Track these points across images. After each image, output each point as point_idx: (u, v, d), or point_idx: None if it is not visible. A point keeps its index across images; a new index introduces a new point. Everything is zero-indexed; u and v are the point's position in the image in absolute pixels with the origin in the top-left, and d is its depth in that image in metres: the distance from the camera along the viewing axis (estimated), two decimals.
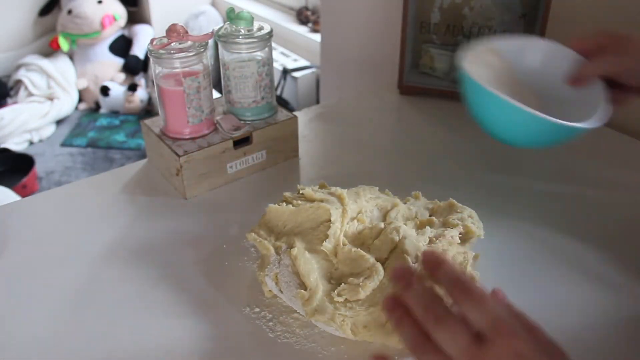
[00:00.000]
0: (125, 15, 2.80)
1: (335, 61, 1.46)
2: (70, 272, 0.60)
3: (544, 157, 0.79)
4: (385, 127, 0.91)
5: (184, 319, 0.54)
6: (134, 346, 0.51)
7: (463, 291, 0.39)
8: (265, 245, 0.55)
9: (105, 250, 0.63)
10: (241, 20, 0.71)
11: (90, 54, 2.73)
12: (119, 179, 0.75)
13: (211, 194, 0.72)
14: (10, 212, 0.70)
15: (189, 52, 0.67)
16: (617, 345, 0.51)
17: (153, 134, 0.72)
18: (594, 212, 0.68)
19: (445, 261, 0.41)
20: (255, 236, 0.57)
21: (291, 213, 0.57)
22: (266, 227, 0.58)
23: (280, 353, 0.50)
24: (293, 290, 0.51)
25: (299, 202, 0.58)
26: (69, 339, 0.52)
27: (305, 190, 0.60)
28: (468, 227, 0.56)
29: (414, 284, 0.41)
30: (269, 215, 0.58)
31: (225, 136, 0.71)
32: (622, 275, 0.58)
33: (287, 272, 0.52)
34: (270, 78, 0.75)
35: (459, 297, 0.39)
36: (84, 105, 2.75)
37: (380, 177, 0.72)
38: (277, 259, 0.54)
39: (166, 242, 0.64)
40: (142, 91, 2.69)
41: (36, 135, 2.51)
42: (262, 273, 0.54)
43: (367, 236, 0.55)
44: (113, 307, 0.55)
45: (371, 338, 0.49)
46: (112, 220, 0.68)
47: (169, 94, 0.69)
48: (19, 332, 0.53)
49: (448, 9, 0.91)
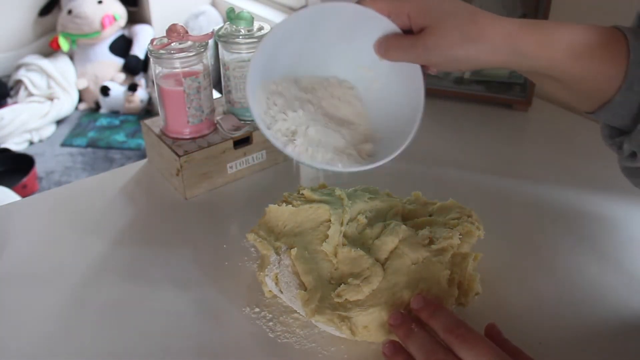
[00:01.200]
0: (125, 15, 2.80)
1: None
2: (70, 272, 0.60)
3: (544, 157, 0.79)
4: None
5: (184, 319, 0.54)
6: (134, 346, 0.51)
7: (458, 337, 0.42)
8: (265, 245, 0.55)
9: (105, 250, 0.63)
10: (241, 20, 0.71)
11: (90, 54, 2.73)
12: (119, 179, 0.75)
13: (211, 194, 0.72)
14: (10, 212, 0.70)
15: (189, 52, 0.67)
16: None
17: (153, 134, 0.72)
18: (594, 212, 0.68)
19: (439, 307, 0.46)
20: (255, 236, 0.57)
21: (291, 213, 0.57)
22: (266, 227, 0.58)
23: (280, 353, 0.50)
24: (293, 291, 0.51)
25: (299, 202, 0.58)
26: (68, 339, 0.52)
27: (305, 191, 0.60)
28: (468, 227, 0.56)
29: (414, 331, 0.45)
30: (269, 215, 0.58)
31: (226, 136, 0.71)
32: (623, 275, 0.58)
33: (287, 272, 0.52)
34: None
35: (455, 343, 0.42)
36: (84, 105, 2.75)
37: (380, 177, 0.72)
38: (277, 259, 0.54)
39: (166, 242, 0.64)
40: (142, 91, 2.69)
41: (36, 135, 2.51)
42: (262, 273, 0.54)
43: (367, 236, 0.55)
44: (113, 307, 0.55)
45: (371, 338, 0.49)
46: (112, 220, 0.68)
47: (169, 94, 0.69)
48: (19, 332, 0.53)
49: None
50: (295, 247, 0.53)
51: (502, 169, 0.76)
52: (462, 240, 0.54)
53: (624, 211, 0.68)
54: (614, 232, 0.65)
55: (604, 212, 0.68)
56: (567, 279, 0.58)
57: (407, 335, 0.45)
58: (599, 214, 0.68)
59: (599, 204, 0.69)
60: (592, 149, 0.79)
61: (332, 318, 0.48)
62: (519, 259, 0.61)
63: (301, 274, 0.51)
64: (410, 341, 0.45)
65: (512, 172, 0.76)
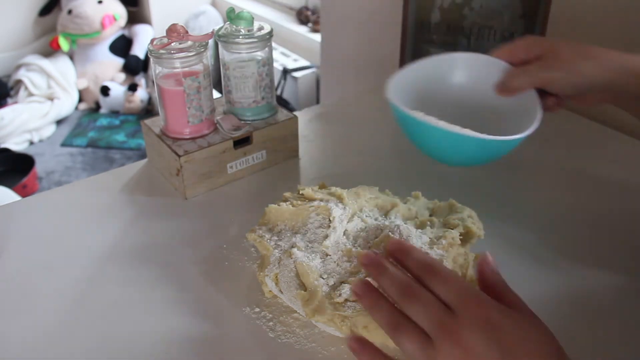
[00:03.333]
0: (126, 15, 2.80)
1: (335, 61, 1.46)
2: (70, 272, 0.60)
3: (545, 158, 0.79)
4: (385, 127, 0.91)
5: (184, 319, 0.54)
6: (134, 346, 0.51)
7: (431, 272, 0.42)
8: (265, 245, 0.55)
9: (105, 250, 0.63)
10: (241, 20, 0.71)
11: (91, 54, 2.73)
12: (119, 179, 0.75)
13: (211, 194, 0.72)
14: (10, 212, 0.70)
15: (189, 52, 0.67)
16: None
17: (153, 134, 0.72)
18: (594, 213, 0.68)
19: (413, 248, 0.45)
20: (255, 236, 0.57)
21: (291, 213, 0.57)
22: (266, 227, 0.58)
23: (280, 353, 0.50)
24: (293, 291, 0.51)
25: (299, 202, 0.58)
26: (68, 339, 0.52)
27: (305, 190, 0.60)
28: (468, 228, 0.56)
29: (386, 268, 0.44)
30: (269, 215, 0.58)
31: (226, 136, 0.71)
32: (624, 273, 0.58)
33: (287, 272, 0.52)
34: (270, 78, 0.75)
35: (428, 278, 0.42)
36: (84, 105, 2.75)
37: (380, 177, 0.72)
38: (277, 259, 0.54)
39: (166, 242, 0.64)
40: (142, 91, 2.69)
41: (36, 135, 2.51)
42: (262, 273, 0.54)
43: (368, 236, 0.55)
44: (113, 307, 0.55)
45: (371, 338, 0.49)
46: (112, 220, 0.68)
47: (169, 94, 0.69)
48: (19, 332, 0.53)
49: (448, 9, 0.91)
50: (295, 246, 0.53)
51: (502, 168, 0.76)
52: (462, 241, 0.54)
53: (629, 210, 0.68)
54: (619, 230, 0.65)
55: (606, 211, 0.68)
56: (569, 278, 0.58)
57: (379, 272, 0.44)
58: (601, 214, 0.68)
59: (601, 204, 0.69)
60: (592, 149, 0.79)
61: (333, 318, 0.48)
62: (520, 259, 0.61)
63: (301, 274, 0.51)
64: (383, 278, 0.43)
65: (512, 172, 0.76)
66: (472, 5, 0.88)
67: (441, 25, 0.92)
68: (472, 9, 0.89)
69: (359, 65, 1.36)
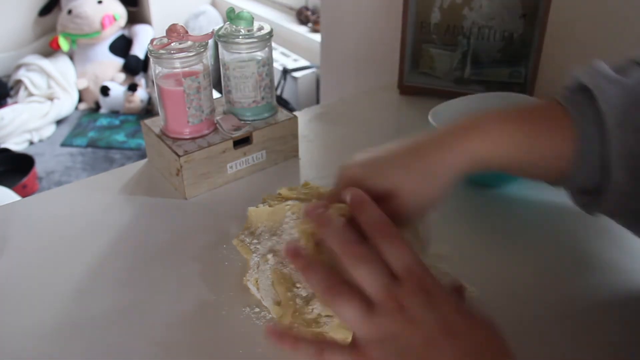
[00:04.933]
0: (125, 15, 2.80)
1: (335, 61, 1.46)
2: (70, 272, 0.60)
3: None
4: (385, 127, 0.91)
5: (184, 319, 0.54)
6: (134, 345, 0.51)
7: (383, 233, 0.40)
8: (246, 249, 0.55)
9: (105, 250, 0.63)
10: (241, 20, 0.71)
11: (90, 54, 2.73)
12: (119, 179, 0.75)
13: (211, 194, 0.72)
14: (10, 212, 0.70)
15: (189, 52, 0.67)
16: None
17: (153, 134, 0.72)
18: None
19: (371, 204, 0.42)
20: (237, 241, 0.56)
21: (269, 214, 0.57)
22: (248, 230, 0.58)
23: (280, 353, 0.50)
24: (270, 301, 0.51)
25: (275, 202, 0.58)
26: (68, 338, 0.52)
27: (283, 190, 0.59)
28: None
29: (331, 221, 0.41)
30: (250, 218, 0.58)
31: (225, 136, 0.71)
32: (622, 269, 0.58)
33: (264, 279, 0.52)
34: (270, 78, 0.75)
35: (378, 237, 0.40)
36: (84, 105, 2.76)
37: None
38: (256, 264, 0.53)
39: (166, 242, 0.64)
40: (142, 91, 2.69)
41: (36, 135, 2.51)
42: (245, 278, 0.54)
43: None
44: (112, 307, 0.55)
45: None
46: (112, 220, 0.68)
47: (169, 94, 0.69)
48: (19, 332, 0.53)
49: (448, 9, 0.91)
50: (272, 251, 0.53)
51: None
52: None
53: None
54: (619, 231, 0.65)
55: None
56: (570, 280, 0.58)
57: (323, 223, 0.41)
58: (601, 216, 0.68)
59: None
60: None
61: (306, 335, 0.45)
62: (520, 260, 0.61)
63: (275, 283, 0.51)
64: (326, 230, 0.40)
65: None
66: (472, 5, 0.88)
67: (441, 25, 0.92)
68: (472, 9, 0.89)
69: (359, 65, 1.36)
